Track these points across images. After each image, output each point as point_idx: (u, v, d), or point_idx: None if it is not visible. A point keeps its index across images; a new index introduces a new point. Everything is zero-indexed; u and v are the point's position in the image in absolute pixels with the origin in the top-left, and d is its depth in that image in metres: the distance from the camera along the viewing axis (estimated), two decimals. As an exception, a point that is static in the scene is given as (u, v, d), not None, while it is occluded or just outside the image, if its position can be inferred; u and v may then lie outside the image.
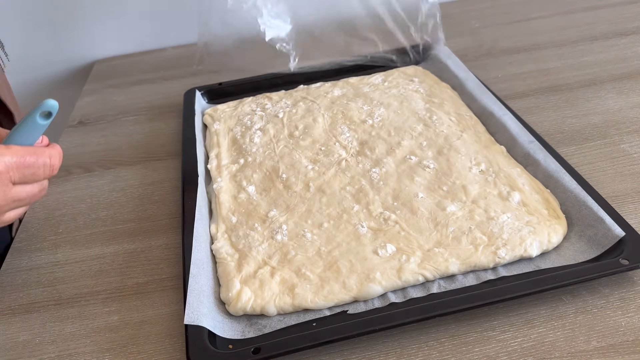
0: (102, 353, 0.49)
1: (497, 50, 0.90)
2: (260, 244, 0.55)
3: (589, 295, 0.48)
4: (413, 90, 0.77)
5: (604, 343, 0.45)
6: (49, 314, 0.54)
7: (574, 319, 0.47)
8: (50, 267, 0.59)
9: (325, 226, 0.56)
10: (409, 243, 0.53)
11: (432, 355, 0.45)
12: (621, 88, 0.75)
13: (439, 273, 0.50)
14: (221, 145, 0.71)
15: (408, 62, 0.86)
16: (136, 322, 0.52)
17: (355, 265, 0.51)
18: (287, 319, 0.49)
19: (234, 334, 0.48)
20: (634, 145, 0.65)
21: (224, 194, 0.62)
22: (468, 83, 0.76)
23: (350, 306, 0.49)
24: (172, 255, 0.59)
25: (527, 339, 0.46)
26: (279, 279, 0.51)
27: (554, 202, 0.56)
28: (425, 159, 0.63)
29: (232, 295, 0.50)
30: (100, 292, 0.56)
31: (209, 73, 0.91)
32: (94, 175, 0.73)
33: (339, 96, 0.78)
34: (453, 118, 0.70)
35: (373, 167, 0.63)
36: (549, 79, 0.80)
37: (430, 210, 0.56)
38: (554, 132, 0.69)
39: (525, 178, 0.59)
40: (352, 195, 0.60)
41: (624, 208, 0.56)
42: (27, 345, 0.51)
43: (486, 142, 0.65)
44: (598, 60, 0.82)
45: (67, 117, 0.90)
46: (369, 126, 0.70)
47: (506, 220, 0.54)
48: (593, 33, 0.90)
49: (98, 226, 0.64)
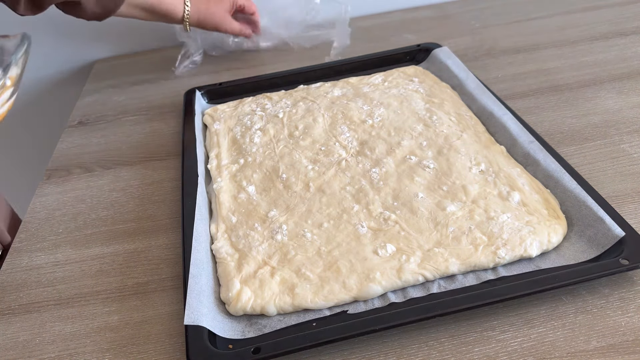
0: (102, 353, 0.49)
1: (497, 50, 0.90)
2: (260, 244, 0.55)
3: (588, 295, 0.48)
4: (413, 90, 0.77)
5: (603, 343, 0.45)
6: (49, 314, 0.54)
7: (573, 318, 0.47)
8: (50, 267, 0.59)
9: (325, 226, 0.56)
10: (409, 243, 0.53)
11: (432, 355, 0.45)
12: (621, 88, 0.75)
13: (439, 273, 0.50)
14: (221, 145, 0.71)
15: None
16: (136, 322, 0.52)
17: (355, 265, 0.51)
18: (287, 319, 0.49)
19: (234, 334, 0.48)
20: (634, 145, 0.65)
21: (224, 194, 0.62)
22: (468, 83, 0.76)
23: (350, 306, 0.49)
24: (172, 255, 0.59)
25: (527, 339, 0.46)
26: (279, 279, 0.51)
27: (554, 202, 0.56)
28: (425, 159, 0.63)
29: (232, 295, 0.50)
30: (100, 292, 0.56)
31: (209, 73, 0.91)
32: (94, 175, 0.73)
33: (339, 96, 0.78)
34: (453, 118, 0.70)
35: (373, 167, 0.63)
36: (549, 79, 0.80)
37: (430, 210, 0.56)
38: (554, 132, 0.69)
39: (525, 178, 0.59)
40: (352, 195, 0.60)
41: (624, 208, 0.56)
42: (27, 345, 0.51)
43: (486, 142, 0.65)
44: (598, 60, 0.82)
45: (67, 117, 0.90)
46: (369, 126, 0.70)
47: (506, 220, 0.54)
48: (593, 33, 0.90)
49: (98, 226, 0.64)
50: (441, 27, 1.01)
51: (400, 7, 1.10)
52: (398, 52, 0.88)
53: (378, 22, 1.06)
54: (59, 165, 0.76)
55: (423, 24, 1.03)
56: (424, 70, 0.83)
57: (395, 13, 1.09)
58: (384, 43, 0.96)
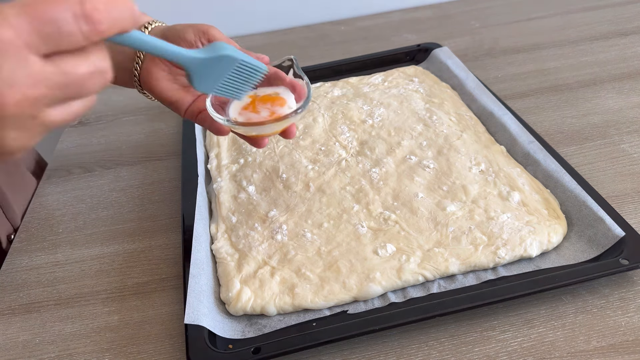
0: (102, 353, 0.49)
1: (497, 50, 0.90)
2: (260, 243, 0.55)
3: (588, 295, 0.48)
4: (413, 90, 0.77)
5: (603, 343, 0.45)
6: (49, 313, 0.54)
7: (573, 318, 0.47)
8: (50, 267, 0.59)
9: (325, 226, 0.56)
10: (408, 243, 0.53)
11: (432, 355, 0.45)
12: (621, 88, 0.75)
13: (439, 273, 0.50)
14: (221, 145, 0.71)
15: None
16: (136, 322, 0.52)
17: (355, 265, 0.51)
18: (287, 319, 0.49)
19: (234, 334, 0.48)
20: (634, 145, 0.65)
21: (224, 194, 0.62)
22: (468, 83, 0.76)
23: (350, 306, 0.49)
24: (172, 255, 0.59)
25: (527, 339, 0.46)
26: (279, 278, 0.51)
27: (554, 202, 0.56)
28: (425, 159, 0.63)
29: (232, 295, 0.50)
30: (100, 292, 0.56)
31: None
32: (94, 175, 0.73)
33: (339, 96, 0.78)
34: (453, 118, 0.70)
35: (373, 167, 0.63)
36: (549, 79, 0.80)
37: (430, 210, 0.56)
38: (553, 132, 0.69)
39: (525, 178, 0.59)
40: (352, 195, 0.60)
41: (624, 208, 0.56)
42: (27, 345, 0.51)
43: (486, 142, 0.65)
44: (598, 60, 0.82)
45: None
46: (369, 126, 0.70)
47: (506, 220, 0.54)
48: (593, 33, 0.90)
49: (98, 226, 0.64)
50: (441, 27, 1.01)
51: (400, 7, 1.10)
52: (398, 52, 0.88)
53: (378, 22, 1.06)
54: (59, 165, 0.76)
55: (423, 24, 1.03)
56: (424, 70, 0.83)
57: (395, 13, 1.09)
58: (384, 43, 0.96)
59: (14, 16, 0.27)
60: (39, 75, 0.28)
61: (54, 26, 0.27)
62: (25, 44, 0.27)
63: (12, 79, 0.27)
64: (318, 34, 1.05)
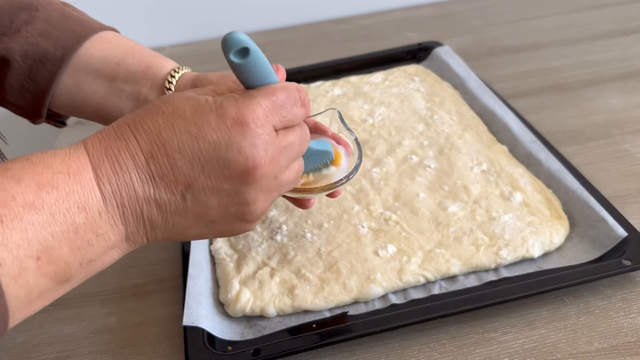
0: (100, 354, 0.49)
1: (498, 49, 0.89)
2: (259, 244, 0.55)
3: (591, 296, 0.48)
4: (414, 90, 0.76)
5: (606, 344, 0.44)
6: (47, 315, 0.53)
7: (576, 320, 0.46)
8: (48, 268, 0.59)
9: (325, 226, 0.56)
10: (409, 244, 0.53)
11: (433, 356, 0.45)
12: (624, 87, 0.75)
13: (440, 274, 0.50)
14: (221, 145, 0.70)
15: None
16: (134, 323, 0.52)
17: (356, 266, 0.51)
18: (287, 320, 0.49)
19: (233, 336, 0.48)
20: (637, 145, 0.64)
21: (223, 193, 0.62)
22: (469, 82, 0.75)
23: (351, 307, 0.49)
24: (170, 256, 0.58)
25: (528, 340, 0.45)
26: (279, 279, 0.51)
27: (556, 203, 0.55)
28: (426, 159, 0.63)
29: (231, 296, 0.50)
30: (99, 293, 0.55)
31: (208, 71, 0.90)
32: (93, 175, 0.73)
33: (339, 95, 0.78)
34: (454, 117, 0.69)
35: (373, 167, 0.63)
36: (551, 79, 0.79)
37: (431, 211, 0.56)
38: (556, 131, 0.68)
39: (527, 178, 0.58)
40: (352, 195, 0.59)
41: (627, 208, 0.56)
42: (24, 346, 0.51)
43: (488, 141, 0.65)
44: (600, 60, 0.82)
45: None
46: (370, 125, 0.70)
47: (508, 220, 0.53)
48: (595, 32, 0.90)
49: (97, 226, 0.64)
50: (442, 25, 1.00)
51: (402, 5, 1.09)
52: (399, 50, 0.87)
53: (379, 21, 1.05)
54: (57, 165, 0.76)
55: (424, 23, 1.02)
56: (425, 69, 0.82)
57: (396, 11, 1.08)
58: (384, 41, 0.96)
59: (262, 97, 0.36)
60: (278, 143, 0.37)
61: (288, 109, 0.38)
62: (270, 120, 0.36)
63: (265, 146, 0.36)
64: (318, 32, 1.04)
